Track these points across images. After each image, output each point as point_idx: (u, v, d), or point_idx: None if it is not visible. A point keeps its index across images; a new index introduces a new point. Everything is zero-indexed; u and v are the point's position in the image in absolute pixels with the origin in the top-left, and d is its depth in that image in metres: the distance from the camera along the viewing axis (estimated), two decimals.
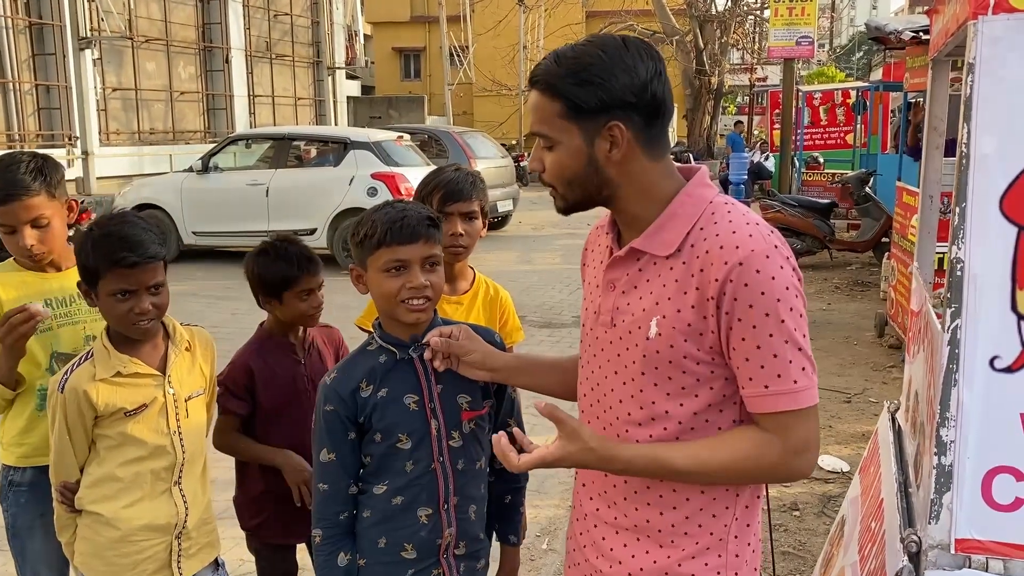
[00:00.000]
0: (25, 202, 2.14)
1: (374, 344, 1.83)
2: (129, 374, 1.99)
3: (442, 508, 1.81)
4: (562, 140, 1.43)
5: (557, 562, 3.61)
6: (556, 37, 25.14)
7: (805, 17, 12.57)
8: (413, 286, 1.74)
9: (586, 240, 1.71)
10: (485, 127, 23.67)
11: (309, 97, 24.57)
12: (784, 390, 1.35)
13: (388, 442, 1.78)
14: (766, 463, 1.39)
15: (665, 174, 1.47)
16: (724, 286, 1.35)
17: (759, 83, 27.21)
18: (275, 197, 10.90)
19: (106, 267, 1.91)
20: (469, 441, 1.84)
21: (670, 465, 1.41)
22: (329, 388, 1.80)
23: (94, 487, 2.03)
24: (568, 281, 9.92)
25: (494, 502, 2.01)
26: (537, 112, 1.45)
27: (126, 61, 18.01)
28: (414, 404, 1.79)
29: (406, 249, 1.74)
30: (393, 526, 1.80)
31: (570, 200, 1.50)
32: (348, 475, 1.81)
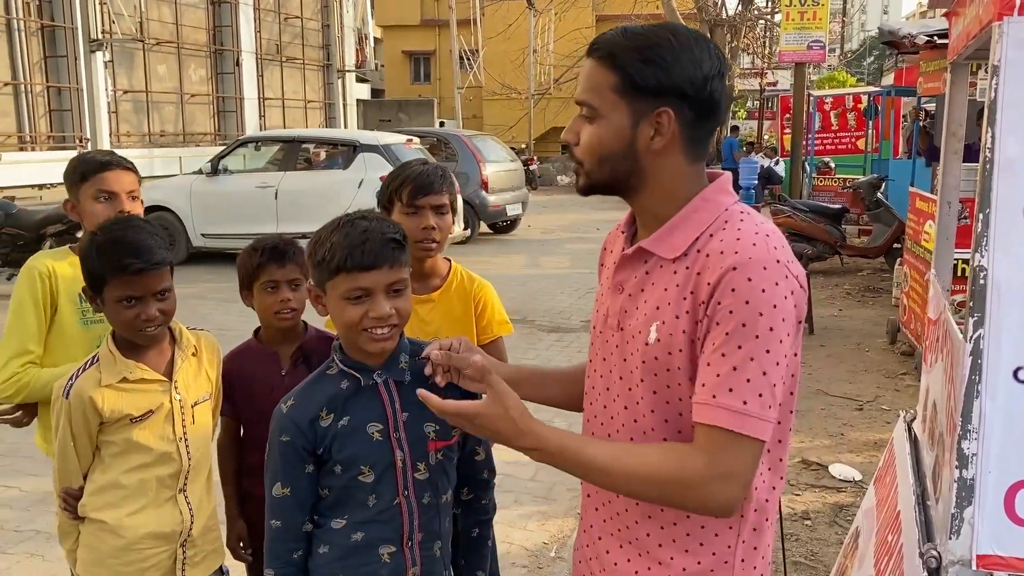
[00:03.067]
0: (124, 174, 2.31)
1: (335, 368, 1.69)
2: (135, 380, 1.96)
3: (406, 546, 1.70)
4: (607, 114, 1.36)
5: (566, 570, 3.57)
6: (566, 41, 25.17)
7: (816, 21, 12.51)
8: (377, 315, 1.59)
9: (604, 241, 1.66)
10: (494, 130, 23.65)
11: (319, 100, 24.64)
12: (728, 405, 1.26)
13: (349, 474, 1.65)
14: (682, 477, 1.28)
15: (694, 178, 1.42)
16: (714, 289, 1.29)
17: (769, 87, 27.12)
18: (284, 200, 10.91)
19: (112, 274, 1.88)
20: (436, 473, 1.72)
21: (583, 458, 1.33)
22: (285, 417, 1.67)
23: (98, 494, 2.00)
24: (577, 285, 9.88)
25: (461, 535, 1.89)
26: (589, 80, 1.37)
27: (137, 63, 18.10)
28: (378, 434, 1.66)
29: (368, 276, 1.59)
30: (352, 563, 1.68)
31: (595, 179, 1.42)
32: (303, 511, 1.68)
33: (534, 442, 1.34)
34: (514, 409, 1.36)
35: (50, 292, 2.27)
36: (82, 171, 2.29)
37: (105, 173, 2.27)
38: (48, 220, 9.10)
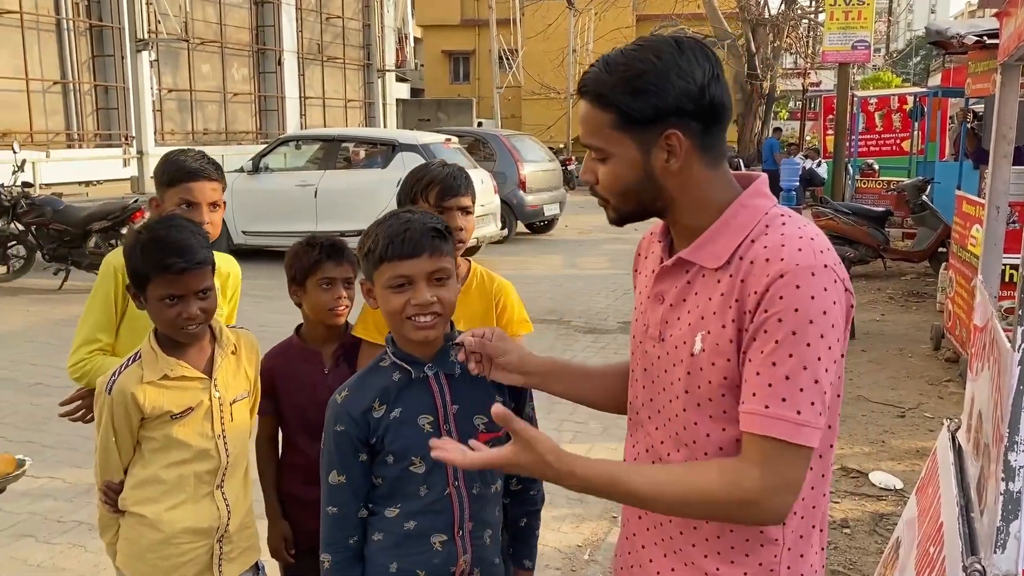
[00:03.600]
0: (208, 184, 2.37)
1: (387, 360, 1.74)
2: (176, 377, 1.99)
3: (457, 535, 1.73)
4: (615, 152, 1.36)
5: (599, 574, 3.55)
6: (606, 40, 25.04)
7: (862, 21, 12.29)
8: (418, 303, 1.64)
9: (638, 245, 1.64)
10: (533, 130, 23.63)
11: (359, 99, 24.84)
12: (783, 416, 1.23)
13: (401, 465, 1.70)
14: (740, 496, 1.25)
15: (722, 183, 1.39)
16: (762, 298, 1.26)
17: (812, 88, 26.76)
18: (323, 198, 11.01)
19: (155, 272, 1.90)
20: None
21: (627, 488, 1.31)
22: (340, 407, 1.72)
23: (138, 488, 2.03)
24: (614, 286, 9.84)
25: (509, 525, 1.92)
26: (588, 123, 1.37)
27: (181, 63, 18.39)
28: (428, 425, 1.70)
29: (409, 264, 1.64)
30: (405, 551, 1.72)
31: (623, 212, 1.42)
32: (358, 498, 1.73)
33: (578, 482, 1.32)
34: (548, 452, 1.32)
35: (123, 287, 2.33)
36: (170, 176, 2.35)
37: (190, 184, 2.34)
38: (94, 216, 9.27)
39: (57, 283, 9.44)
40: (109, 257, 2.44)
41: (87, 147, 16.19)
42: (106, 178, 15.58)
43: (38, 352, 6.86)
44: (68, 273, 9.40)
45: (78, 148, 15.96)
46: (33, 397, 5.71)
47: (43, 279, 9.64)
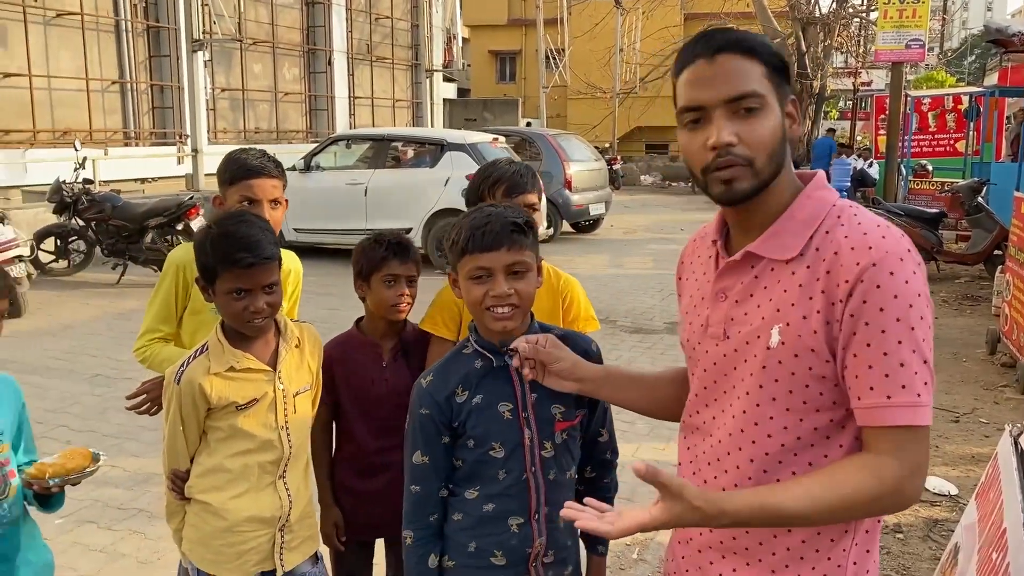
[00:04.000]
0: (269, 182, 2.44)
1: (470, 348, 1.82)
2: (242, 369, 2.04)
3: (533, 518, 1.79)
4: (772, 104, 1.35)
5: (647, 573, 3.56)
6: (653, 39, 24.92)
7: (916, 19, 12.05)
8: (496, 294, 1.70)
9: (681, 253, 1.64)
10: (578, 130, 23.58)
11: (407, 99, 25.00)
12: (907, 403, 1.26)
13: (481, 449, 1.77)
14: (885, 490, 1.27)
15: (793, 173, 1.42)
16: (854, 288, 1.27)
17: (863, 87, 26.29)
18: (373, 197, 11.12)
19: (223, 267, 1.95)
20: (561, 451, 1.81)
21: (780, 510, 1.29)
22: (424, 391, 1.80)
23: (203, 477, 2.08)
24: (660, 286, 9.79)
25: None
26: (740, 74, 1.33)
27: (234, 63, 18.69)
28: (508, 412, 1.76)
29: (488, 256, 1.71)
30: (484, 532, 1.79)
31: (764, 176, 1.35)
32: (440, 478, 1.81)
33: (729, 520, 1.29)
34: (695, 498, 1.28)
35: (184, 281, 2.43)
36: (231, 174, 2.43)
37: (251, 181, 2.40)
38: (151, 213, 9.49)
39: (115, 277, 9.68)
40: (172, 254, 2.53)
41: (143, 145, 16.54)
42: (161, 175, 15.91)
43: (98, 344, 7.05)
44: (125, 268, 9.64)
45: (134, 146, 16.31)
46: (94, 388, 5.87)
47: (102, 273, 9.90)
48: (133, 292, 9.29)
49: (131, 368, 6.19)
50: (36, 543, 2.03)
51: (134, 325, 2.55)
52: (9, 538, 1.93)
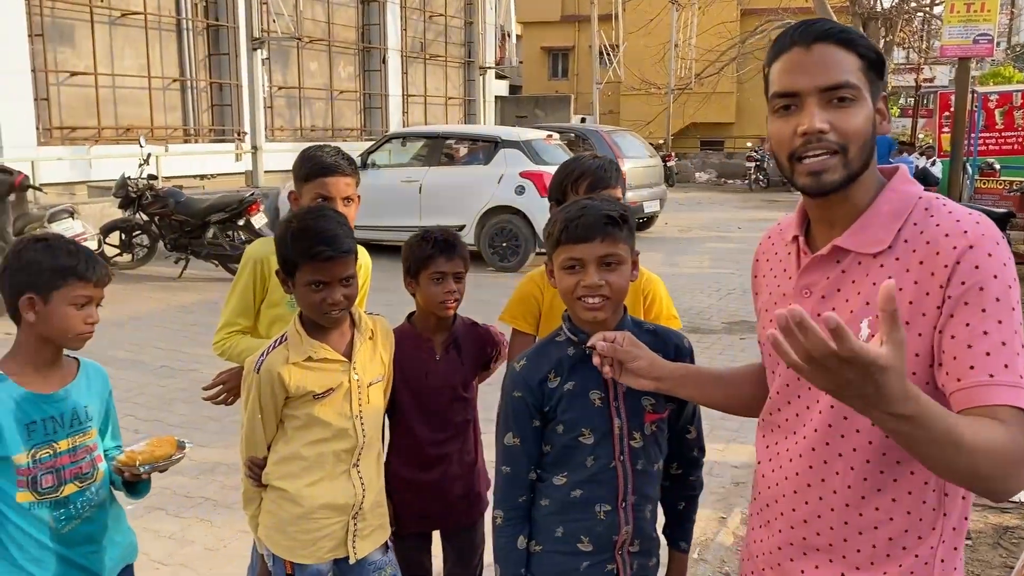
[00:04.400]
0: (343, 179, 2.49)
1: (563, 336, 1.85)
2: (319, 359, 2.09)
3: (620, 506, 1.81)
4: (866, 96, 1.35)
5: (708, 573, 3.53)
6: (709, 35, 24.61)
7: (985, 13, 11.71)
8: (587, 285, 1.73)
9: (757, 251, 1.64)
10: (631, 126, 23.42)
11: (459, 97, 25.10)
12: (1011, 382, 1.20)
13: (570, 435, 1.79)
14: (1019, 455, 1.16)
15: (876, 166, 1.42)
16: (952, 271, 1.27)
17: (926, 84, 25.69)
18: (427, 194, 11.20)
19: (303, 259, 2.01)
20: (650, 443, 1.83)
21: (957, 433, 1.15)
22: (518, 375, 1.84)
23: (280, 464, 2.13)
24: (717, 285, 9.69)
25: (668, 508, 2.00)
26: (838, 64, 1.33)
27: (291, 61, 18.97)
28: (599, 400, 1.79)
29: (581, 248, 1.74)
30: (571, 518, 1.82)
31: (855, 167, 1.35)
32: (530, 460, 1.84)
33: (913, 408, 1.12)
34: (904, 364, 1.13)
35: (261, 276, 2.49)
36: (307, 171, 2.48)
37: (326, 179, 2.45)
38: (212, 208, 9.69)
39: (177, 271, 9.91)
40: (249, 249, 2.60)
41: (202, 142, 16.89)
42: (219, 172, 16.23)
43: (162, 336, 7.22)
44: (187, 262, 9.86)
45: (194, 143, 16.67)
46: (159, 379, 6.02)
47: (164, 267, 10.14)
48: (195, 286, 9.50)
49: (195, 360, 6.34)
50: (122, 526, 2.10)
51: (196, 318, 2.62)
52: (97, 520, 1.99)
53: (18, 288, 1.87)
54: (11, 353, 1.95)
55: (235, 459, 4.51)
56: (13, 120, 12.68)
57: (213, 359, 2.66)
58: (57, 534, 1.91)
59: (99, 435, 2.04)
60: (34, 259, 1.88)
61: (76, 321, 1.91)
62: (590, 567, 1.82)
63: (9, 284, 1.89)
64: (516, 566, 1.85)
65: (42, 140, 13.49)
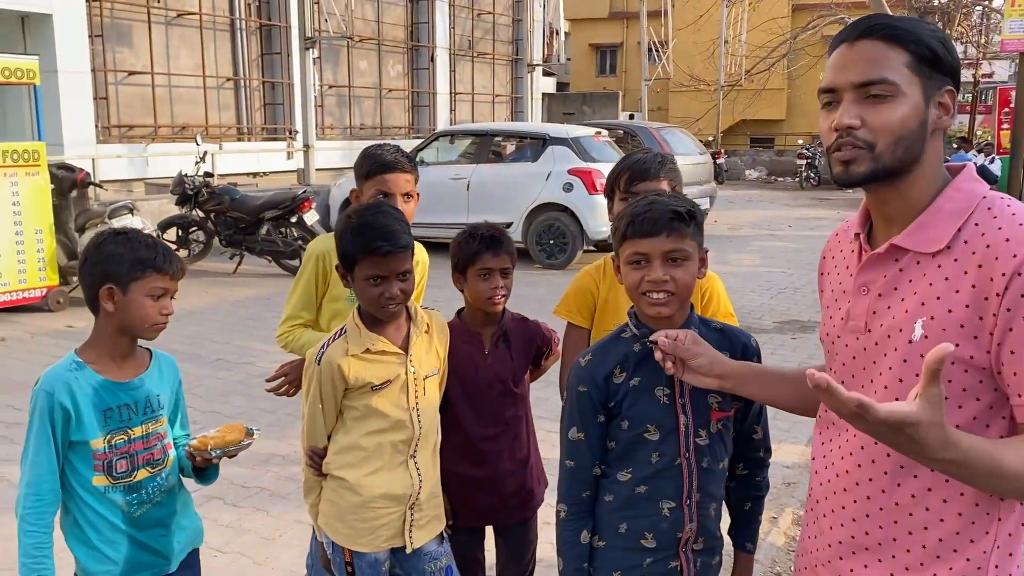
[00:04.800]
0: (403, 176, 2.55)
1: (628, 332, 1.85)
2: (377, 351, 2.13)
3: (684, 503, 1.81)
4: (907, 92, 1.33)
5: (759, 572, 3.51)
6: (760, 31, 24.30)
7: None
8: (651, 280, 1.73)
9: (823, 249, 1.64)
10: (680, 123, 23.25)
11: (506, 94, 25.15)
12: None
13: (635, 431, 1.80)
14: None
15: (942, 164, 1.40)
16: (1011, 281, 1.24)
17: (984, 79, 25.05)
18: (475, 191, 11.24)
19: (362, 254, 2.06)
20: (715, 441, 1.82)
21: (999, 465, 1.21)
22: (583, 370, 1.84)
23: (340, 454, 2.18)
24: (768, 284, 9.59)
25: (733, 508, 1.99)
26: (878, 60, 1.33)
27: (341, 60, 19.20)
28: (665, 397, 1.79)
29: (646, 243, 1.74)
30: (635, 514, 1.82)
31: (884, 162, 1.34)
32: (594, 456, 1.84)
33: (954, 454, 1.18)
34: (942, 415, 1.18)
35: (323, 270, 2.56)
36: (368, 169, 2.54)
37: (386, 175, 2.51)
38: (266, 205, 9.85)
39: (232, 267, 10.10)
40: (312, 244, 2.66)
41: (255, 140, 17.19)
42: (271, 170, 16.51)
43: (218, 330, 7.38)
44: (242, 258, 10.05)
45: (247, 141, 16.97)
46: (216, 371, 6.15)
47: (220, 263, 10.35)
48: (249, 281, 9.68)
49: (250, 353, 6.47)
50: (189, 511, 2.17)
51: (251, 313, 2.69)
52: (166, 505, 2.07)
53: (98, 279, 1.94)
54: (89, 342, 2.02)
55: (289, 450, 4.63)
56: (74, 119, 13.05)
57: (268, 352, 2.73)
58: (129, 517, 1.99)
59: (168, 424, 2.10)
60: (114, 251, 1.95)
61: (152, 312, 1.98)
62: (653, 563, 1.83)
63: (89, 275, 1.96)
64: (579, 560, 1.86)
65: (101, 138, 13.85)
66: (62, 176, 8.26)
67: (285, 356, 2.73)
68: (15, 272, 7.71)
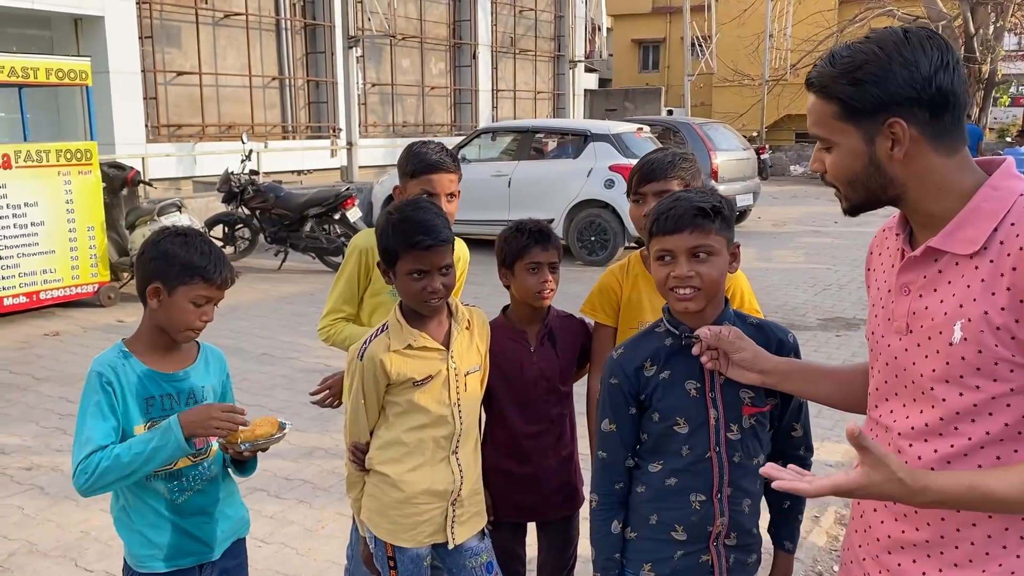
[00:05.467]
0: (447, 176, 2.57)
1: (662, 327, 1.86)
2: (418, 347, 2.14)
3: (715, 497, 1.81)
4: (839, 141, 1.40)
5: (800, 572, 3.48)
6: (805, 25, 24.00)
7: None
8: (676, 275, 1.75)
9: (871, 244, 1.62)
10: (724, 118, 23.00)
11: (548, 91, 25.15)
12: None
13: (665, 423, 1.81)
14: None
15: (962, 167, 1.37)
16: None
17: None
18: (516, 188, 11.25)
19: (404, 249, 2.07)
20: (748, 436, 1.82)
21: (990, 494, 1.28)
22: (615, 363, 1.87)
23: (382, 449, 2.19)
24: (813, 281, 9.46)
25: (773, 505, 1.98)
26: (813, 114, 1.43)
27: (384, 58, 19.36)
28: (695, 391, 1.79)
29: (671, 239, 1.76)
30: (665, 506, 1.83)
31: (854, 200, 1.45)
32: (626, 447, 1.87)
33: (933, 497, 1.29)
34: (899, 470, 1.28)
35: (365, 265, 2.59)
36: (413, 168, 2.56)
37: (432, 176, 2.53)
38: (310, 203, 9.98)
39: (277, 263, 10.26)
40: (355, 239, 2.69)
41: (299, 138, 17.43)
42: (316, 168, 16.72)
43: (263, 325, 7.50)
44: (286, 255, 10.19)
45: (292, 139, 17.21)
46: (261, 366, 6.26)
47: (264, 259, 10.51)
48: (293, 278, 9.82)
49: (294, 348, 6.57)
50: (234, 500, 2.21)
51: (296, 308, 2.74)
52: (209, 493, 2.12)
53: (149, 275, 2.00)
54: (136, 334, 2.08)
55: (332, 444, 4.70)
56: (125, 118, 13.36)
57: (311, 347, 2.77)
58: (172, 504, 2.05)
59: None
60: (169, 251, 2.00)
61: (192, 317, 2.02)
62: (684, 556, 1.83)
63: (142, 269, 2.02)
64: (611, 549, 1.88)
65: (151, 137, 14.17)
66: (113, 175, 8.46)
67: (328, 351, 2.78)
68: (68, 268, 7.92)
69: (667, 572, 1.85)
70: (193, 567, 2.10)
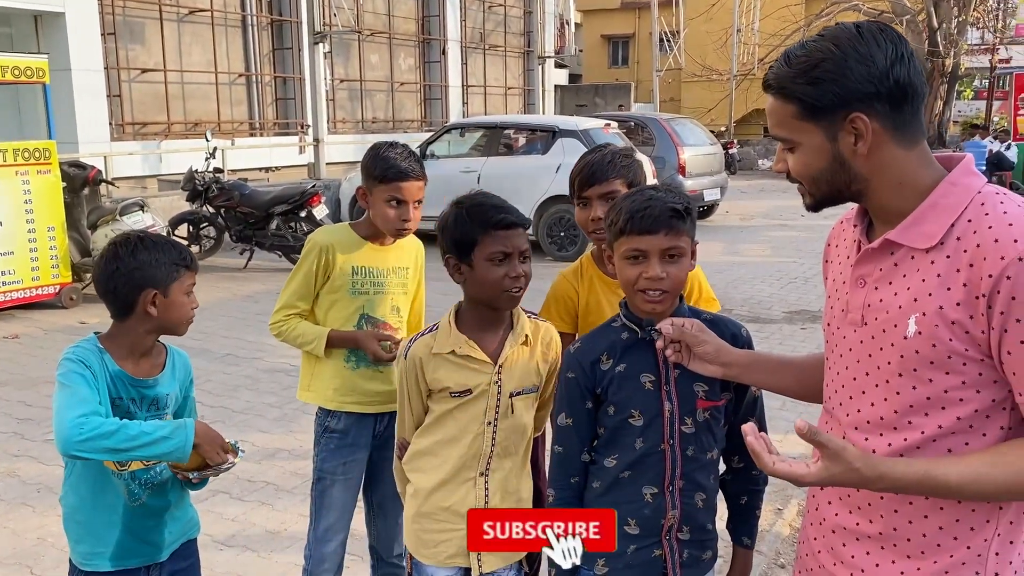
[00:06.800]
0: (416, 184, 2.52)
1: (619, 321, 1.86)
2: (462, 355, 1.99)
3: (667, 489, 1.81)
4: (802, 141, 1.40)
5: (763, 564, 3.50)
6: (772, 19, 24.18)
7: None
8: (649, 276, 1.74)
9: (828, 235, 1.63)
10: (693, 113, 23.14)
11: (518, 86, 25.13)
12: None
13: (620, 416, 1.81)
14: None
15: (922, 162, 1.38)
16: (999, 283, 1.24)
17: (1001, 65, 24.76)
18: (485, 184, 11.21)
19: (483, 231, 1.93)
20: (702, 430, 1.82)
21: (944, 482, 1.30)
22: (572, 357, 1.87)
23: (414, 457, 2.09)
24: (779, 275, 9.55)
25: (730, 501, 1.99)
26: (773, 116, 1.42)
27: (353, 54, 19.23)
28: (650, 384, 1.80)
29: (646, 239, 1.74)
30: (618, 498, 1.82)
31: (818, 197, 1.45)
32: (582, 441, 1.86)
33: (888, 484, 1.32)
34: (856, 460, 1.30)
35: (325, 262, 2.56)
36: (382, 174, 2.50)
37: (400, 183, 2.49)
38: (276, 200, 9.89)
39: (242, 262, 10.16)
40: (314, 235, 2.65)
41: (267, 135, 17.26)
42: (283, 164, 16.58)
43: (228, 325, 7.42)
44: (252, 253, 10.10)
45: (259, 136, 17.04)
46: (225, 366, 6.20)
47: (230, 258, 10.41)
48: (259, 276, 9.73)
49: (259, 348, 6.51)
50: (183, 502, 2.19)
51: (261, 307, 2.71)
52: (159, 496, 2.09)
53: (139, 285, 1.97)
54: (110, 336, 2.04)
55: (295, 445, 4.67)
56: (88, 117, 13.15)
57: (276, 348, 2.75)
58: (128, 505, 2.03)
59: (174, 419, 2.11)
60: (147, 258, 1.98)
61: (188, 308, 2.04)
62: (637, 551, 1.83)
63: (127, 282, 1.98)
64: None
65: (115, 136, 13.95)
66: (74, 174, 8.33)
67: (294, 352, 2.74)
68: (28, 270, 7.79)
69: (620, 567, 1.84)
70: (139, 568, 2.08)
